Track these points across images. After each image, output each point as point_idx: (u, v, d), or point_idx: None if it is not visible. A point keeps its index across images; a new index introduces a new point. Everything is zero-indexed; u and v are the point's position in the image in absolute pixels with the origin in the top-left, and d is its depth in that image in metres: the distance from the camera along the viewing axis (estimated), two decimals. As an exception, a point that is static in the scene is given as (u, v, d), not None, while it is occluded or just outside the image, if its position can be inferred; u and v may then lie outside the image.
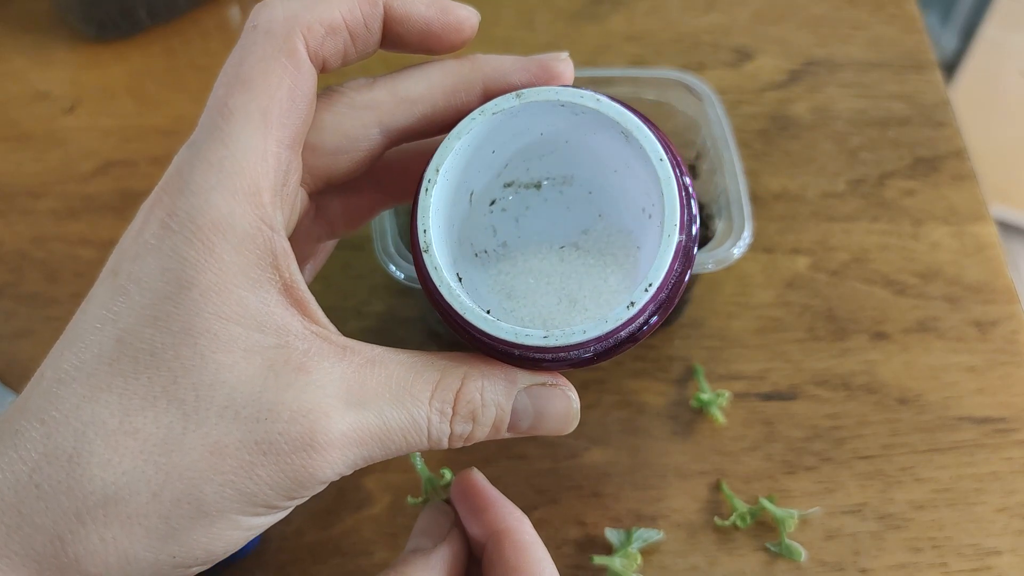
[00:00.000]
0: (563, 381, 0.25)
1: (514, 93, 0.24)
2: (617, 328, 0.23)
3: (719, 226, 0.37)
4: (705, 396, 0.37)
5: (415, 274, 0.35)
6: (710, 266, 0.35)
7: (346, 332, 0.24)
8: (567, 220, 0.28)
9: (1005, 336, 0.40)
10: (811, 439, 0.37)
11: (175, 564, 0.21)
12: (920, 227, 0.43)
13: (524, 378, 0.24)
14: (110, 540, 0.21)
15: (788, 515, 0.34)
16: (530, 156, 0.27)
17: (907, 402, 0.38)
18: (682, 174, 0.24)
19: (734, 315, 0.40)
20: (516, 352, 0.24)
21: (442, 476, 0.31)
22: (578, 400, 0.25)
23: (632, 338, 0.24)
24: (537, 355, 0.24)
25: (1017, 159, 1.12)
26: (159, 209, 0.22)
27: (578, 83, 0.25)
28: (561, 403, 0.25)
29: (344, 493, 0.36)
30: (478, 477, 0.28)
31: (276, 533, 0.35)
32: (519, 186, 0.28)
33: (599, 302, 0.26)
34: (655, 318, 0.24)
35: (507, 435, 0.25)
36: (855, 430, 0.37)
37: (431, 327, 0.40)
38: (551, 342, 0.23)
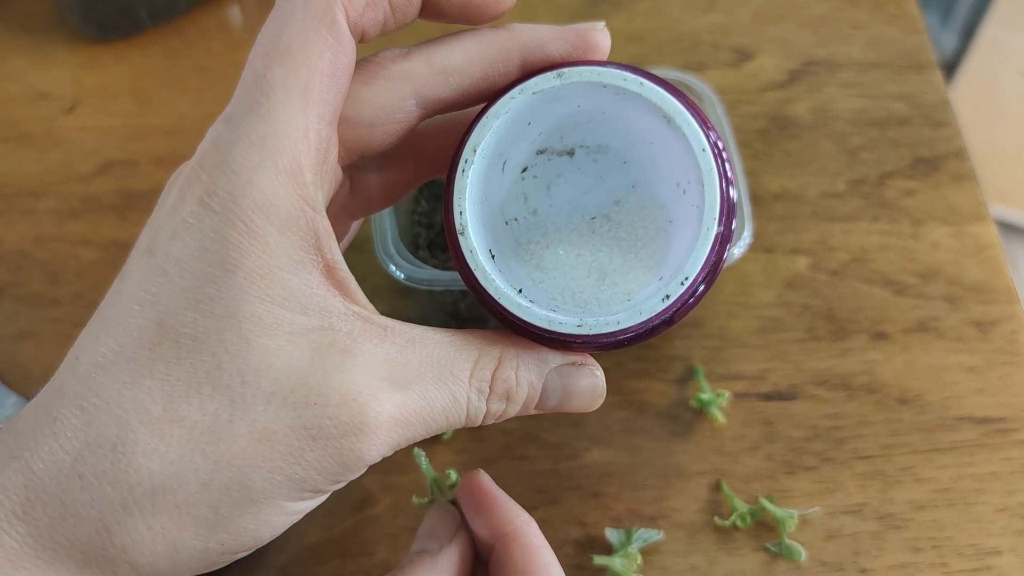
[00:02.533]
0: (591, 361, 0.26)
1: (555, 72, 0.24)
2: (651, 318, 0.23)
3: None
4: (705, 396, 0.37)
5: (415, 274, 0.35)
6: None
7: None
8: (599, 189, 0.27)
9: (1005, 336, 0.40)
10: (811, 439, 0.37)
11: (223, 551, 0.21)
12: (920, 227, 0.43)
13: (555, 358, 0.25)
14: (158, 530, 0.20)
15: (788, 515, 0.34)
16: (565, 125, 0.27)
17: (907, 402, 0.38)
18: (723, 162, 0.24)
19: (734, 315, 0.41)
20: (548, 335, 0.24)
21: (448, 476, 0.31)
22: (604, 378, 0.26)
23: (668, 321, 0.24)
24: (569, 339, 0.24)
25: (1017, 159, 1.12)
26: (196, 186, 0.21)
27: (614, 59, 0.25)
28: (588, 381, 0.25)
29: (345, 494, 0.36)
30: (485, 478, 0.28)
31: (277, 533, 0.35)
32: (552, 153, 0.27)
33: (628, 277, 0.26)
34: (692, 299, 0.24)
35: (534, 412, 0.25)
36: (855, 430, 0.37)
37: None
38: (584, 331, 0.23)
